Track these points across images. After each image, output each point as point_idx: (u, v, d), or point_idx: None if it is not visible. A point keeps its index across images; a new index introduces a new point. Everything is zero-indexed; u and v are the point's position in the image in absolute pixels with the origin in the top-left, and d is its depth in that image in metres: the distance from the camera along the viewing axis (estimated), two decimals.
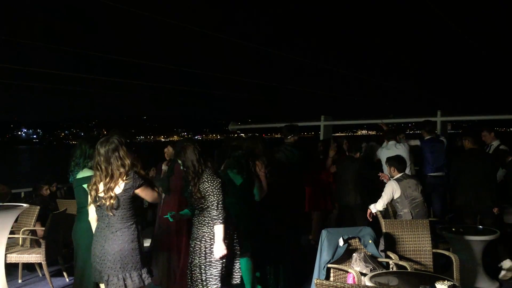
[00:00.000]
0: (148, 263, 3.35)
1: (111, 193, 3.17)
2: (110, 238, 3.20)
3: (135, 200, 3.28)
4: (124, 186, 3.19)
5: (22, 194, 7.53)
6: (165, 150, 6.36)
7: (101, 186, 3.22)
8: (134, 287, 3.21)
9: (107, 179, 3.18)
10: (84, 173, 3.89)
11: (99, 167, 3.22)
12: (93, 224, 3.49)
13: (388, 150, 6.38)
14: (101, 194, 3.21)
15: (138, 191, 3.24)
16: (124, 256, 3.19)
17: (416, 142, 6.79)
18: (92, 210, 3.45)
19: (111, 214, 3.21)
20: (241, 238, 4.38)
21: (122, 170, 3.20)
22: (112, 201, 3.17)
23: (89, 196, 3.35)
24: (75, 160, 4.00)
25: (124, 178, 3.19)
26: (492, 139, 6.87)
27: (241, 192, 4.62)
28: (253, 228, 4.72)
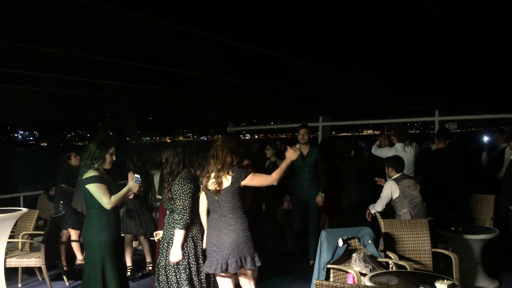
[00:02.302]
0: (257, 250, 3.62)
1: (219, 180, 3.53)
2: (225, 228, 3.53)
3: (244, 193, 3.61)
4: (231, 179, 3.52)
5: (21, 198, 7.52)
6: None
7: (212, 175, 3.58)
8: (248, 268, 3.55)
9: (219, 168, 3.54)
10: (89, 173, 3.90)
11: (215, 155, 3.59)
12: (202, 217, 3.83)
13: (396, 152, 6.26)
14: (211, 185, 3.57)
15: (245, 182, 3.53)
16: (240, 243, 3.51)
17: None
18: (203, 201, 3.80)
19: (216, 198, 3.54)
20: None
21: (231, 162, 3.56)
22: (218, 188, 3.52)
23: (201, 186, 3.72)
24: (83, 161, 4.03)
25: (230, 172, 3.53)
26: (503, 141, 6.91)
27: None
28: None
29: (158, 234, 4.21)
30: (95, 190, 3.84)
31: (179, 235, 3.66)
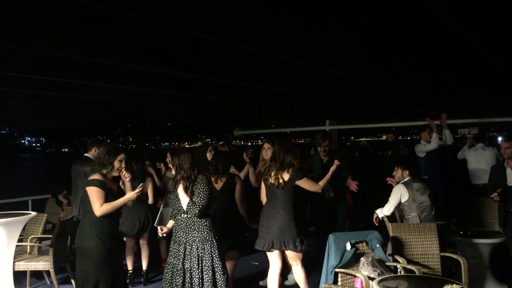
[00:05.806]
0: (302, 235, 4.36)
1: (278, 177, 4.31)
2: (274, 216, 4.31)
3: (297, 191, 4.35)
4: (289, 178, 4.30)
5: (30, 202, 7.56)
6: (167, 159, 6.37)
7: (273, 174, 4.33)
8: (291, 250, 4.31)
9: (278, 167, 4.31)
10: (93, 176, 3.94)
11: (275, 157, 4.37)
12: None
13: (476, 152, 6.32)
14: (272, 180, 4.33)
15: (299, 182, 4.30)
16: (284, 229, 4.27)
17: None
18: (263, 193, 4.58)
19: (275, 190, 4.31)
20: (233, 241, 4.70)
21: (289, 163, 4.31)
22: (277, 183, 4.30)
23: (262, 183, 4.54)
24: (94, 165, 4.10)
25: (290, 171, 4.29)
26: None
27: (222, 197, 4.73)
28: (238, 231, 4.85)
29: (164, 229, 4.05)
30: (92, 193, 3.85)
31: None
